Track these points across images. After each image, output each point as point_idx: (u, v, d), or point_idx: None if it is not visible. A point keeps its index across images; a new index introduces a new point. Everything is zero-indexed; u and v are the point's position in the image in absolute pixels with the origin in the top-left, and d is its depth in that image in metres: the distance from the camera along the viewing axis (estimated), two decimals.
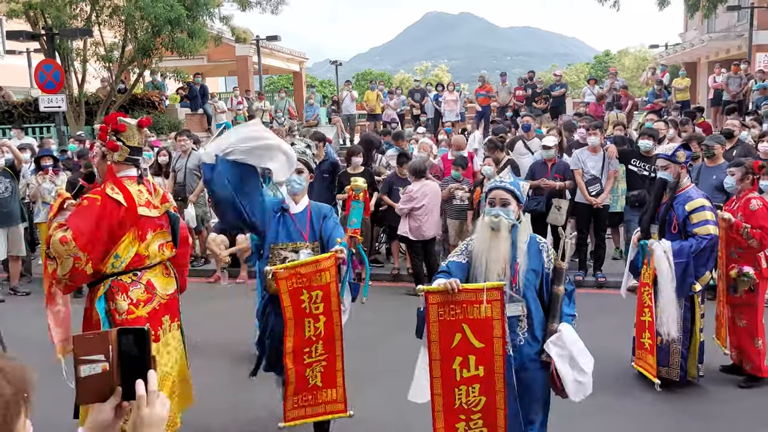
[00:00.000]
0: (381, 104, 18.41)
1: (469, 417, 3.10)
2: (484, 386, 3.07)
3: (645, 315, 4.75)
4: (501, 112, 17.32)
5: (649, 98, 17.29)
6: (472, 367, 3.06)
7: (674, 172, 4.77)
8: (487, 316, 2.99)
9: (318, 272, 3.60)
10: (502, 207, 3.18)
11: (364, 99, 19.21)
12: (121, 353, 1.36)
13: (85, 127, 14.64)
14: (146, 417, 1.33)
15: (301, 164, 3.97)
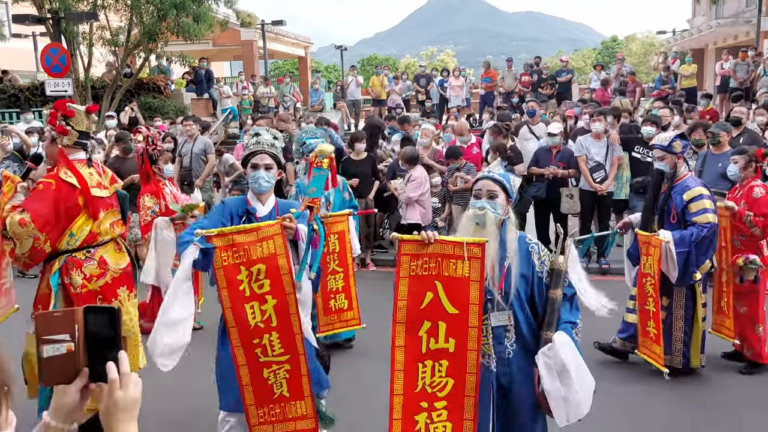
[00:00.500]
0: (386, 90, 18.38)
1: (432, 405, 2.67)
2: (452, 366, 2.65)
3: (649, 304, 4.73)
4: (506, 98, 17.27)
5: (656, 84, 17.21)
6: (441, 338, 2.64)
7: (670, 162, 4.74)
8: (464, 275, 2.62)
9: (259, 241, 3.02)
10: (489, 199, 2.82)
11: (369, 84, 19.17)
12: (87, 333, 1.29)
13: None
14: (120, 400, 1.29)
15: (269, 158, 3.39)
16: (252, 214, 3.39)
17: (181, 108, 16.69)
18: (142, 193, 5.97)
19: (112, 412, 1.28)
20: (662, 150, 4.77)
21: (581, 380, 2.66)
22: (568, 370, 2.62)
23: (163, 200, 5.88)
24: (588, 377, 2.71)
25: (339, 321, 5.08)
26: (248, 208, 3.41)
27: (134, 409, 1.31)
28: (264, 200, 3.44)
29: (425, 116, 13.23)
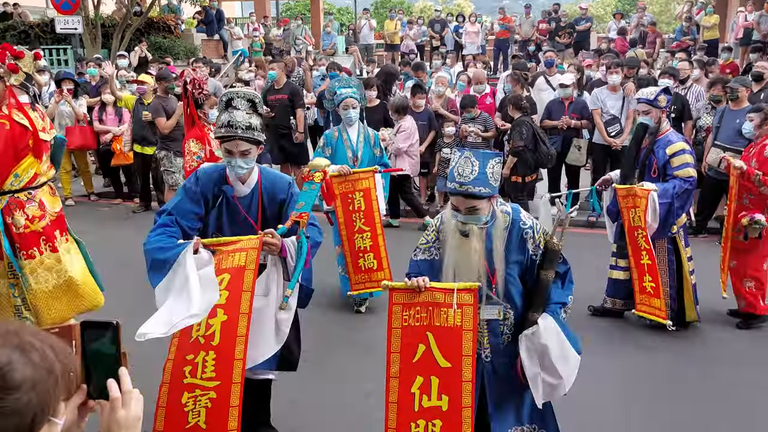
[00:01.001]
0: (399, 34, 18.01)
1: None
2: (446, 425, 2.46)
3: (644, 258, 4.70)
4: (523, 46, 16.89)
5: (676, 36, 16.75)
6: (434, 395, 2.47)
7: (655, 116, 4.72)
8: (456, 324, 2.47)
9: (233, 252, 2.77)
10: (469, 215, 2.57)
11: (383, 28, 18.78)
12: (85, 349, 1.27)
13: (101, 50, 14.52)
14: (122, 419, 1.26)
15: (247, 144, 3.01)
16: (229, 196, 3.09)
17: (191, 49, 16.48)
18: (188, 138, 5.87)
19: (115, 430, 1.26)
20: (647, 104, 4.72)
21: (564, 363, 2.59)
22: (549, 355, 2.56)
23: (208, 146, 5.81)
24: (573, 358, 2.63)
25: (369, 281, 5.04)
26: (225, 187, 3.09)
27: (137, 426, 1.28)
28: (245, 179, 3.11)
29: (443, 61, 12.99)
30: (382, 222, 5.09)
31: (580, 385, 2.74)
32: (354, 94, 5.27)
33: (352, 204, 4.97)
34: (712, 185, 7.19)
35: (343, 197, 4.95)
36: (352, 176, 4.98)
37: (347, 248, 5.07)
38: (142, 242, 2.93)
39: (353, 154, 5.29)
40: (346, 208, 4.99)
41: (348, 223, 5.01)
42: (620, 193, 4.74)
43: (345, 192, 4.95)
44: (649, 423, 3.86)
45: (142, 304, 4.82)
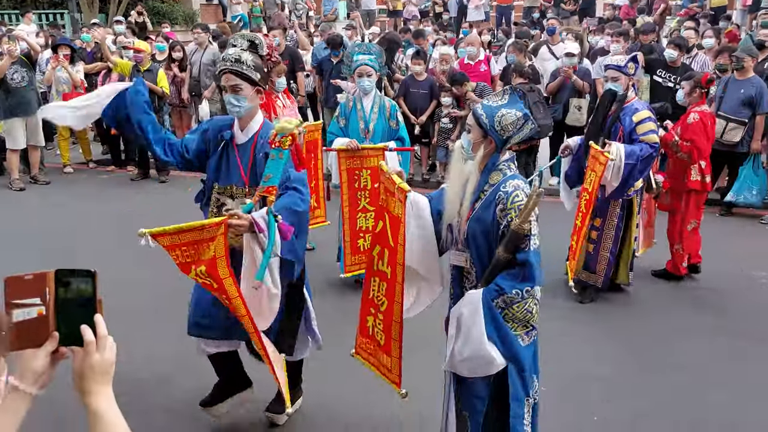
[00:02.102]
0: (402, 0, 17.68)
1: (376, 314, 2.84)
2: (388, 289, 2.73)
3: (577, 218, 4.80)
4: (527, 14, 16.58)
5: (684, 2, 16.42)
6: (384, 262, 2.76)
7: (624, 83, 4.77)
8: (398, 214, 2.64)
9: (205, 242, 2.75)
10: (467, 133, 2.65)
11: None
12: (59, 296, 1.26)
13: (99, 15, 14.30)
14: (97, 363, 1.25)
15: (235, 77, 2.98)
16: (228, 141, 3.09)
17: (189, 14, 16.23)
18: None
19: (88, 374, 1.26)
20: (617, 70, 4.78)
21: (464, 342, 2.51)
22: (460, 326, 2.53)
23: (273, 114, 5.59)
24: (475, 343, 2.48)
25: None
26: (224, 133, 3.10)
27: (110, 372, 1.28)
28: (243, 125, 3.09)
29: (442, 30, 12.78)
30: None
31: None
32: (371, 61, 4.93)
33: (358, 181, 4.81)
34: (716, 155, 7.08)
35: (349, 173, 4.80)
36: (361, 152, 4.78)
37: (347, 227, 4.91)
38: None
39: (365, 126, 4.98)
40: (351, 185, 4.83)
41: (352, 201, 4.86)
42: (592, 152, 4.70)
43: (352, 168, 4.80)
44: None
45: (144, 266, 4.83)
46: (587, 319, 4.84)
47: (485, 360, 2.48)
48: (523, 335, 2.52)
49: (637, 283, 5.33)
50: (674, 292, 5.33)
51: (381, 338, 2.82)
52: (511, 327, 2.50)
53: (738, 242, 6.48)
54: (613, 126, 4.80)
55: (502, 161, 2.62)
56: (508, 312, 2.49)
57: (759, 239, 6.60)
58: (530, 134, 2.73)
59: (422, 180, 8.47)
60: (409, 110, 8.06)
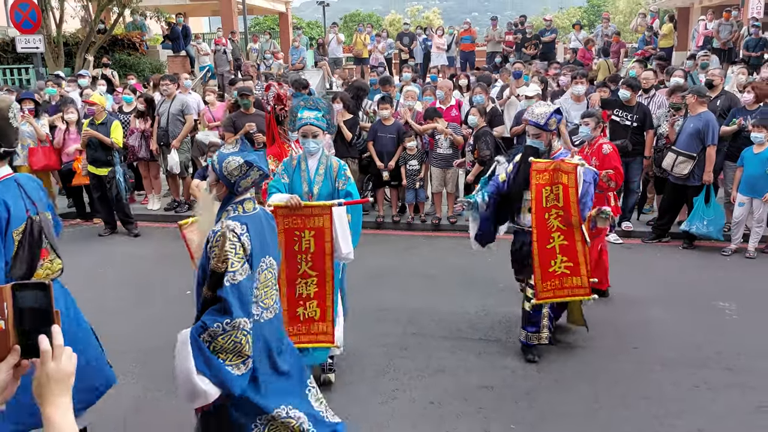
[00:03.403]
0: (368, 48, 18.09)
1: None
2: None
3: (555, 240, 4.56)
4: (490, 58, 17.09)
5: (639, 45, 17.12)
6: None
7: (546, 139, 4.56)
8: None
9: None
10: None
11: (352, 42, 18.86)
12: (17, 309, 1.29)
13: (64, 68, 14.32)
14: (53, 372, 1.28)
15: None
16: None
17: (157, 65, 16.34)
18: (267, 154, 5.45)
19: (44, 383, 1.28)
20: (537, 127, 4.54)
21: (179, 374, 2.73)
22: (174, 359, 2.75)
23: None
24: (186, 378, 2.70)
25: (308, 333, 4.21)
26: None
27: (67, 381, 1.30)
28: None
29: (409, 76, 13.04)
30: (334, 267, 4.14)
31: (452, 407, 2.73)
32: (318, 120, 4.30)
33: (298, 243, 4.11)
34: (673, 189, 7.33)
35: (288, 234, 4.10)
36: (303, 210, 4.08)
37: (284, 293, 4.08)
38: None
39: (309, 189, 4.32)
40: (290, 247, 4.10)
41: (291, 265, 4.13)
42: (537, 167, 4.42)
43: (291, 228, 4.10)
44: None
45: (100, 327, 4.74)
46: (554, 356, 4.85)
47: (195, 389, 2.68)
48: (239, 364, 2.74)
49: (601, 317, 5.38)
50: (642, 324, 5.39)
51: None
52: (224, 357, 2.71)
53: (701, 274, 6.62)
54: None
55: (233, 202, 2.92)
56: (215, 344, 2.70)
57: (722, 271, 6.74)
58: (261, 180, 3.00)
59: (393, 222, 8.52)
60: (377, 154, 8.23)
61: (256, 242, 2.85)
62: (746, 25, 15.34)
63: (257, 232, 2.89)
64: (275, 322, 3.03)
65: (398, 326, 5.40)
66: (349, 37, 20.28)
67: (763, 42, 14.30)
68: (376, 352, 4.94)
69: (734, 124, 7.31)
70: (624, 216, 7.95)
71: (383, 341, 5.11)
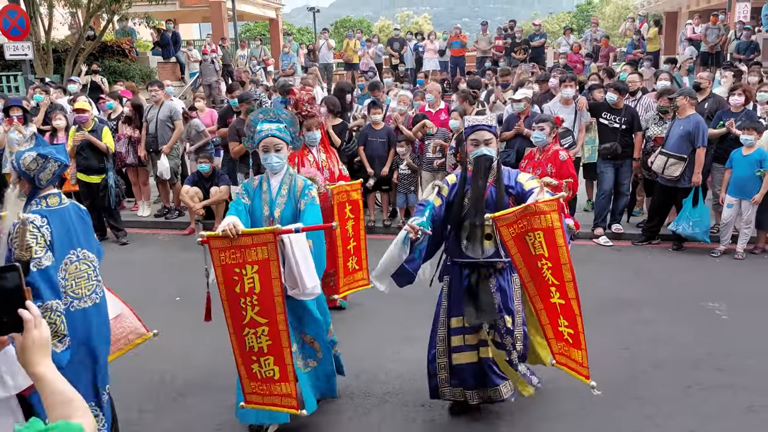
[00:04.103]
0: (358, 53, 18.13)
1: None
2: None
3: (554, 296, 3.42)
4: (480, 63, 17.16)
5: (628, 49, 17.25)
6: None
7: (497, 146, 3.70)
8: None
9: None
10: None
11: (342, 48, 18.90)
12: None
13: (53, 75, 14.24)
14: (37, 338, 1.48)
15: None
16: None
17: (146, 72, 16.29)
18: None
19: (31, 348, 1.47)
20: (489, 131, 3.65)
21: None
22: None
23: (301, 166, 5.45)
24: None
25: (270, 394, 3.50)
26: None
27: (47, 345, 1.50)
28: None
29: (398, 81, 13.11)
30: (287, 311, 3.31)
31: None
32: (280, 131, 3.76)
33: (240, 283, 3.24)
34: (663, 191, 7.37)
35: (226, 273, 3.26)
36: (241, 241, 3.22)
37: (236, 348, 3.38)
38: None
39: (270, 213, 3.75)
40: (230, 289, 3.27)
41: (234, 312, 3.31)
42: (505, 219, 3.35)
43: (229, 265, 3.25)
44: None
45: None
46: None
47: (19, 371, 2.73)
48: (56, 343, 2.89)
49: (593, 319, 5.38)
50: (633, 325, 5.40)
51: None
52: None
53: (691, 275, 6.65)
54: (499, 198, 3.60)
55: (38, 197, 3.05)
56: None
57: (711, 272, 6.78)
58: (60, 171, 3.09)
59: (383, 226, 8.51)
60: (368, 158, 8.23)
61: (59, 234, 2.99)
62: (733, 28, 15.49)
63: (61, 224, 3.03)
64: (91, 314, 3.16)
65: (391, 328, 5.38)
66: (340, 42, 20.31)
67: (754, 45, 14.45)
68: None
69: (721, 126, 7.36)
70: (614, 218, 8.00)
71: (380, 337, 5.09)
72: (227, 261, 3.24)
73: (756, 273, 6.72)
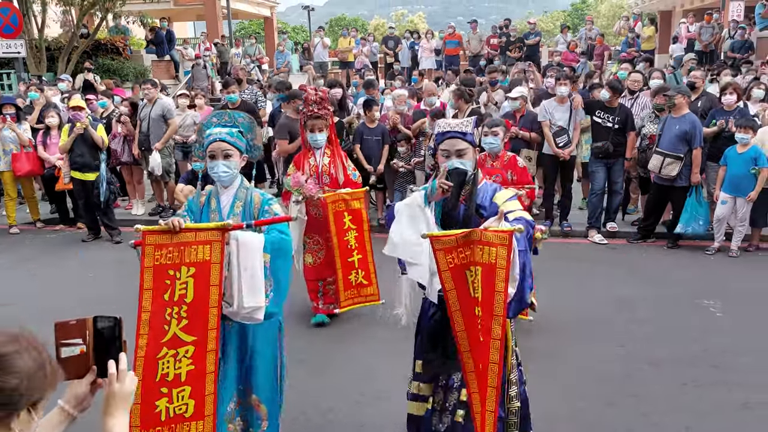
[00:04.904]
0: (353, 52, 18.11)
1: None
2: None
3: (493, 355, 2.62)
4: (473, 62, 17.17)
5: (622, 48, 17.29)
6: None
7: (473, 157, 3.07)
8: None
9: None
10: None
11: (337, 46, 18.88)
12: (96, 338, 1.61)
13: (47, 73, 14.18)
14: (117, 391, 1.59)
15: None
16: None
17: (141, 70, 16.24)
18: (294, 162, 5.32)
19: (110, 400, 1.59)
20: (462, 139, 3.03)
21: None
22: None
23: (302, 171, 5.19)
24: None
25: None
26: None
27: (127, 399, 1.61)
28: None
29: (392, 79, 13.10)
30: (221, 328, 2.83)
31: None
32: (232, 135, 3.15)
33: (170, 289, 2.70)
34: (659, 190, 7.39)
35: (158, 275, 2.71)
36: (183, 236, 2.73)
37: (140, 374, 2.66)
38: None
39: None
40: (158, 295, 2.70)
41: (154, 325, 2.68)
42: (443, 242, 2.66)
43: (164, 266, 2.71)
44: None
45: None
46: (542, 356, 4.85)
47: None
48: None
49: (588, 317, 5.39)
50: (629, 323, 5.41)
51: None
52: None
53: (686, 273, 6.67)
54: (467, 217, 2.97)
55: None
56: None
57: (706, 270, 6.79)
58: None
59: (378, 224, 8.49)
60: (364, 157, 8.19)
61: None
62: (727, 27, 15.55)
63: None
64: None
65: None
66: (335, 41, 20.27)
67: (749, 44, 14.51)
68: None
69: (715, 125, 7.38)
70: (609, 217, 8.01)
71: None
72: (161, 260, 2.69)
73: (750, 270, 6.74)
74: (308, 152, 5.26)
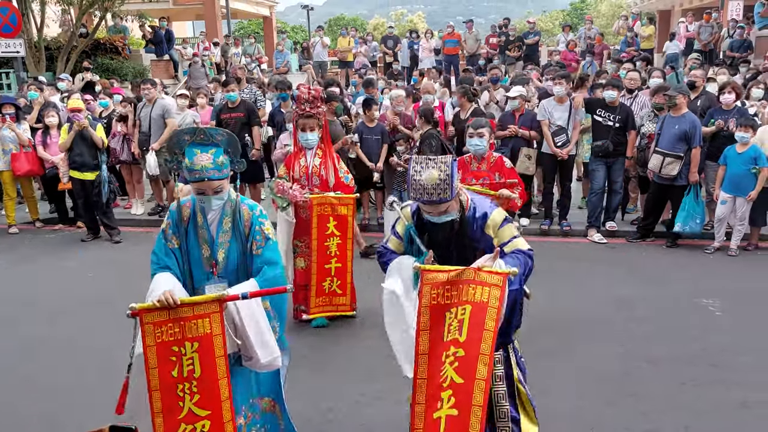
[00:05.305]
0: (352, 51, 18.11)
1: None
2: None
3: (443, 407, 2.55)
4: (471, 61, 17.16)
5: (621, 47, 17.30)
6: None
7: (457, 205, 2.86)
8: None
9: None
10: None
11: (336, 46, 18.88)
12: None
13: (46, 72, 14.17)
14: None
15: None
16: None
17: (140, 70, 16.23)
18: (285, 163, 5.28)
19: None
20: (441, 203, 2.77)
21: None
22: None
23: (292, 171, 5.14)
24: None
25: None
26: None
27: None
28: None
29: (392, 78, 13.09)
30: (233, 399, 2.74)
31: None
32: (217, 169, 2.82)
33: (178, 365, 2.67)
34: (658, 189, 7.39)
35: (161, 352, 2.65)
36: (181, 312, 2.63)
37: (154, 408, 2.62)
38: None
39: (211, 255, 2.93)
40: (166, 371, 2.63)
41: (168, 407, 2.62)
42: (432, 278, 2.63)
43: (167, 342, 2.64)
44: None
45: (84, 332, 4.70)
46: (541, 355, 4.86)
47: None
48: None
49: (587, 316, 5.40)
50: (628, 322, 5.41)
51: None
52: None
53: (686, 272, 6.67)
54: (461, 251, 2.88)
55: None
56: None
57: (705, 269, 6.80)
58: None
59: (378, 224, 8.50)
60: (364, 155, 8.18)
61: None
62: (726, 26, 15.56)
63: None
64: None
65: None
66: (334, 41, 20.27)
67: (748, 43, 14.52)
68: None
69: (713, 124, 7.39)
70: (608, 216, 8.01)
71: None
72: (163, 337, 2.61)
73: (749, 270, 6.75)
74: (299, 152, 5.21)
